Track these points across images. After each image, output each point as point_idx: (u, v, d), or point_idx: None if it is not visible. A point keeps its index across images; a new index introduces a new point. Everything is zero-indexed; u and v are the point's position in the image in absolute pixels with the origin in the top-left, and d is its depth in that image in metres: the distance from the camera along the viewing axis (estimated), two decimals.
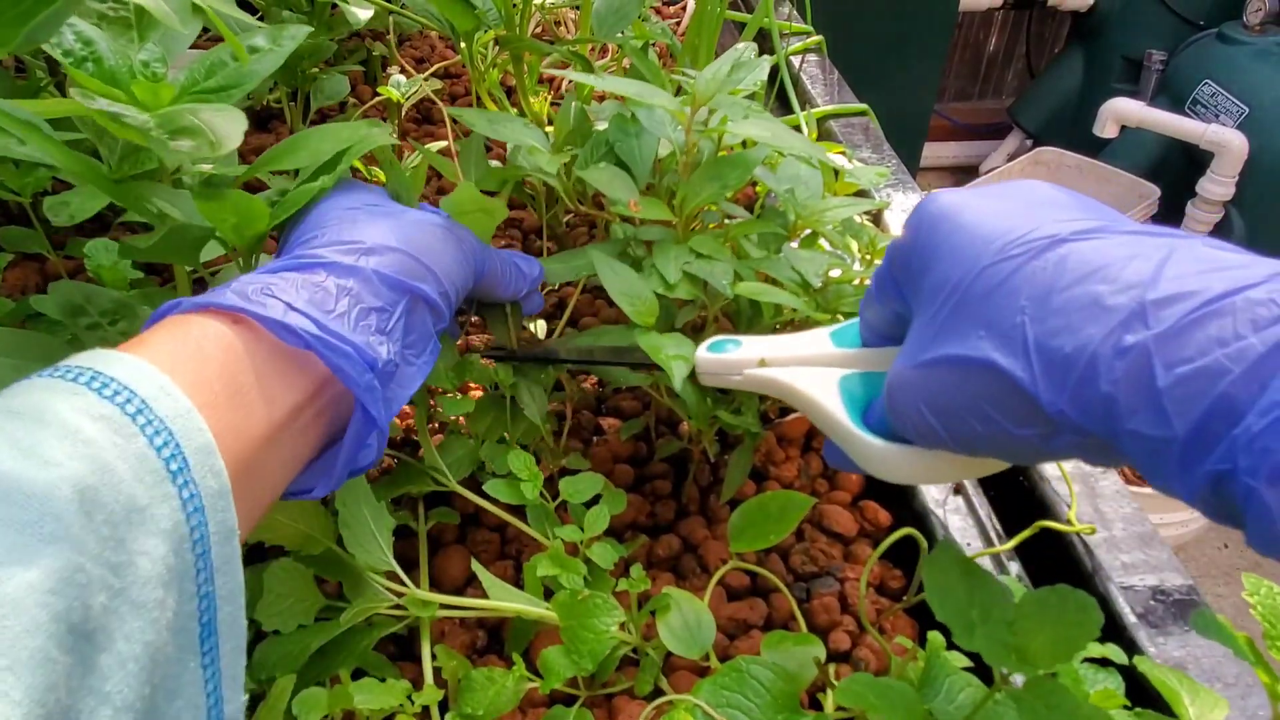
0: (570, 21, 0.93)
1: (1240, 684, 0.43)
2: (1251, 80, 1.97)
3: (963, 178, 2.74)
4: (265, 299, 0.33)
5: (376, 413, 0.35)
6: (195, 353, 0.31)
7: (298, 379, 0.34)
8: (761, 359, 0.39)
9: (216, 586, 0.28)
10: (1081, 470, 0.53)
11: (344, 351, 0.34)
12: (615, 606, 0.40)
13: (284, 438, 0.33)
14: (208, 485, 0.28)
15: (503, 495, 0.46)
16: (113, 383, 0.27)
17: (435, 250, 0.41)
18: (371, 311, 0.36)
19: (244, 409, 0.31)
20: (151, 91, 0.37)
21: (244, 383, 0.32)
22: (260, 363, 0.33)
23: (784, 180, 0.54)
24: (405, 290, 0.38)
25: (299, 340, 0.33)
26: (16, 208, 0.66)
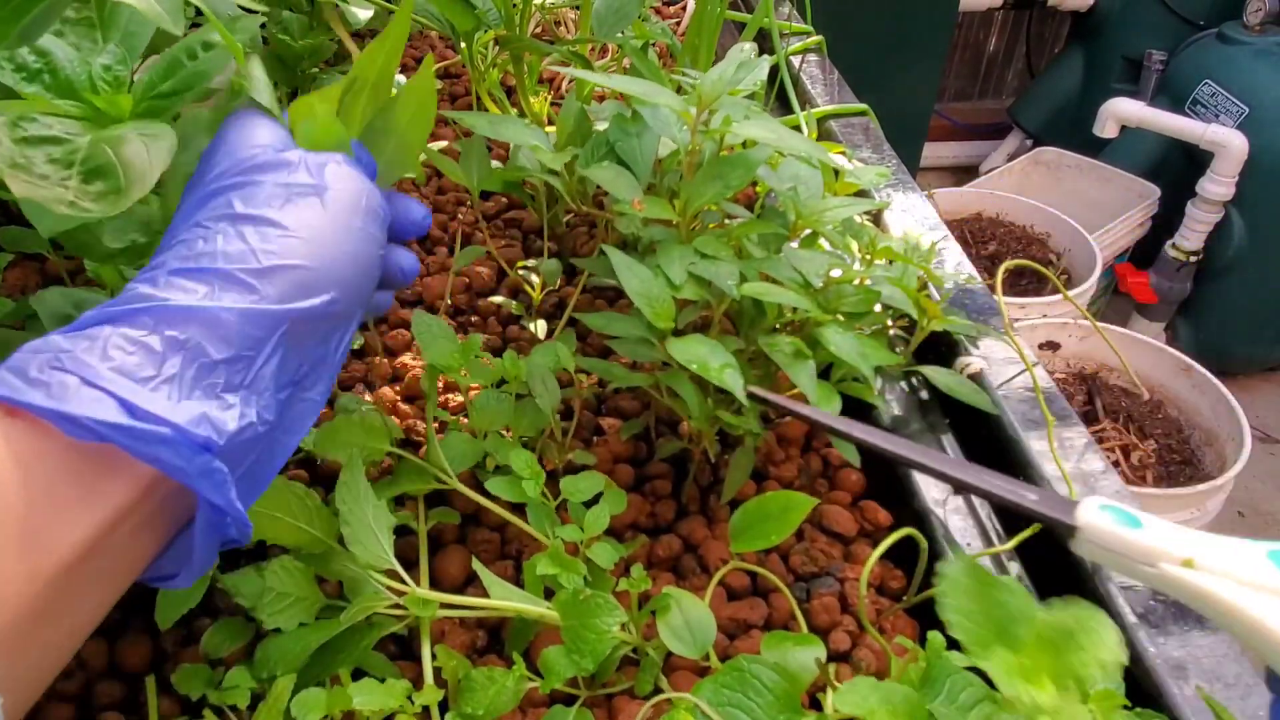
0: (570, 21, 0.93)
1: (1240, 684, 0.43)
2: (1251, 80, 1.97)
3: (963, 177, 2.75)
4: (53, 378, 0.26)
5: (223, 500, 0.28)
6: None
7: (109, 480, 0.27)
8: (1188, 559, 0.32)
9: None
10: (1081, 470, 0.53)
11: (158, 437, 0.26)
12: (617, 606, 0.40)
13: (93, 560, 0.26)
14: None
15: (504, 493, 0.46)
16: None
17: (332, 245, 0.31)
18: (219, 365, 0.28)
19: (19, 543, 0.24)
20: (110, 102, 0.35)
21: (17, 506, 0.25)
22: (45, 473, 0.25)
23: (785, 180, 0.54)
24: (278, 320, 0.29)
25: (89, 434, 0.25)
26: (16, 208, 0.66)
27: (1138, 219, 2.08)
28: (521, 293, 0.67)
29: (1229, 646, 0.45)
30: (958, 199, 2.14)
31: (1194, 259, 2.07)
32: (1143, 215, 2.09)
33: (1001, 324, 0.61)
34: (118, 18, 0.40)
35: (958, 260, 0.68)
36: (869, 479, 0.57)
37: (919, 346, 0.59)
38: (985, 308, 0.64)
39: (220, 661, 0.43)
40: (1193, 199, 2.02)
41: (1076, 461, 0.53)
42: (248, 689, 0.40)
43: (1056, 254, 1.99)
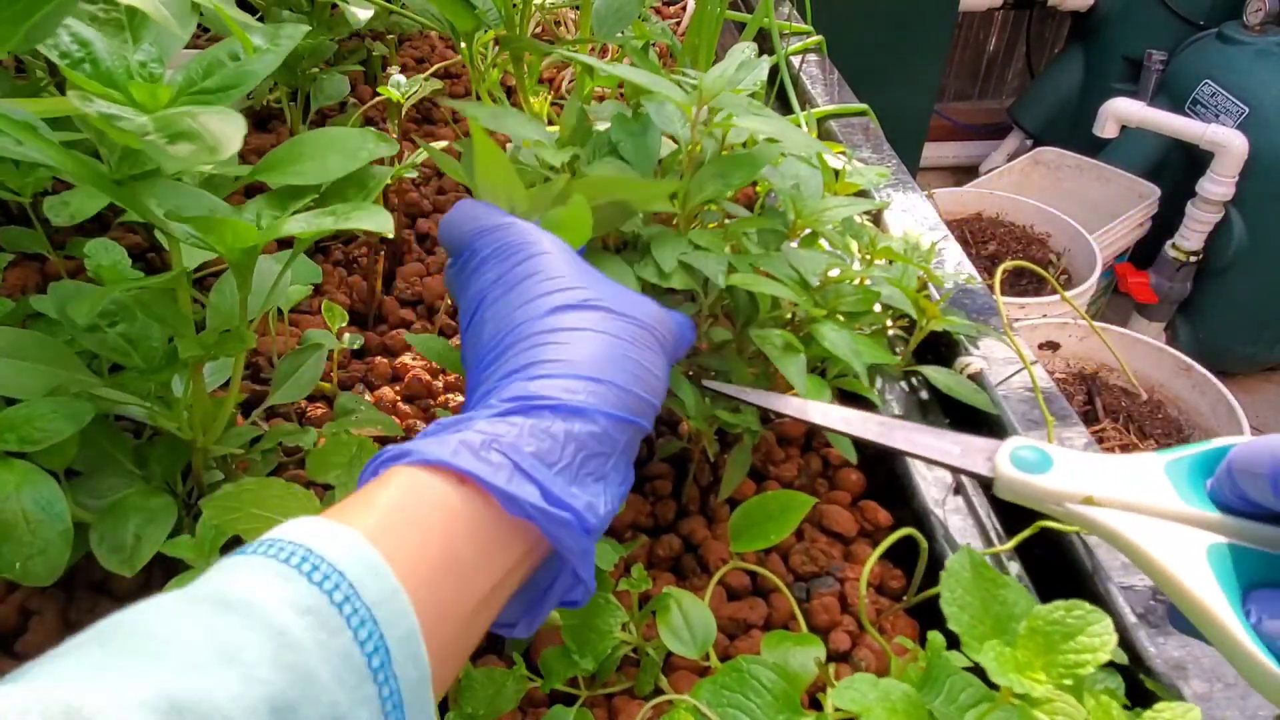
0: (570, 21, 0.93)
1: (1241, 684, 0.43)
2: (1251, 80, 1.97)
3: (963, 177, 2.75)
4: (493, 456, 0.31)
5: (585, 573, 0.34)
6: (417, 521, 0.29)
7: (515, 542, 0.32)
8: (1088, 496, 0.33)
9: None
10: None
11: (564, 520, 0.32)
12: (618, 607, 0.40)
13: (493, 601, 0.32)
14: (407, 676, 0.27)
15: None
16: (323, 565, 0.26)
17: (650, 375, 0.37)
18: (594, 458, 0.34)
19: (459, 583, 0.30)
20: (149, 92, 0.36)
21: (463, 555, 0.30)
22: (480, 531, 0.31)
23: (785, 179, 0.54)
24: (627, 426, 0.35)
25: (519, 511, 0.31)
26: (16, 208, 0.66)
27: (1138, 219, 2.08)
28: None
29: None
30: (958, 199, 2.14)
31: (1194, 259, 2.07)
32: (1143, 215, 2.09)
33: (1001, 324, 0.61)
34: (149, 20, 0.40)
35: (958, 260, 0.68)
36: (869, 479, 0.57)
37: (919, 346, 0.59)
38: (985, 308, 0.64)
39: None
40: (1193, 199, 2.02)
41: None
42: None
43: (1056, 254, 1.99)
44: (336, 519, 0.28)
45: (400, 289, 0.70)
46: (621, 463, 0.35)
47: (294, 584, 0.26)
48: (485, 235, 0.39)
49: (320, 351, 0.54)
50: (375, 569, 0.27)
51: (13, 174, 0.55)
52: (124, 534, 0.43)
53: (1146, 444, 1.56)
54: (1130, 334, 1.67)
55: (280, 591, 0.25)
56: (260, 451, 0.51)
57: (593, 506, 0.33)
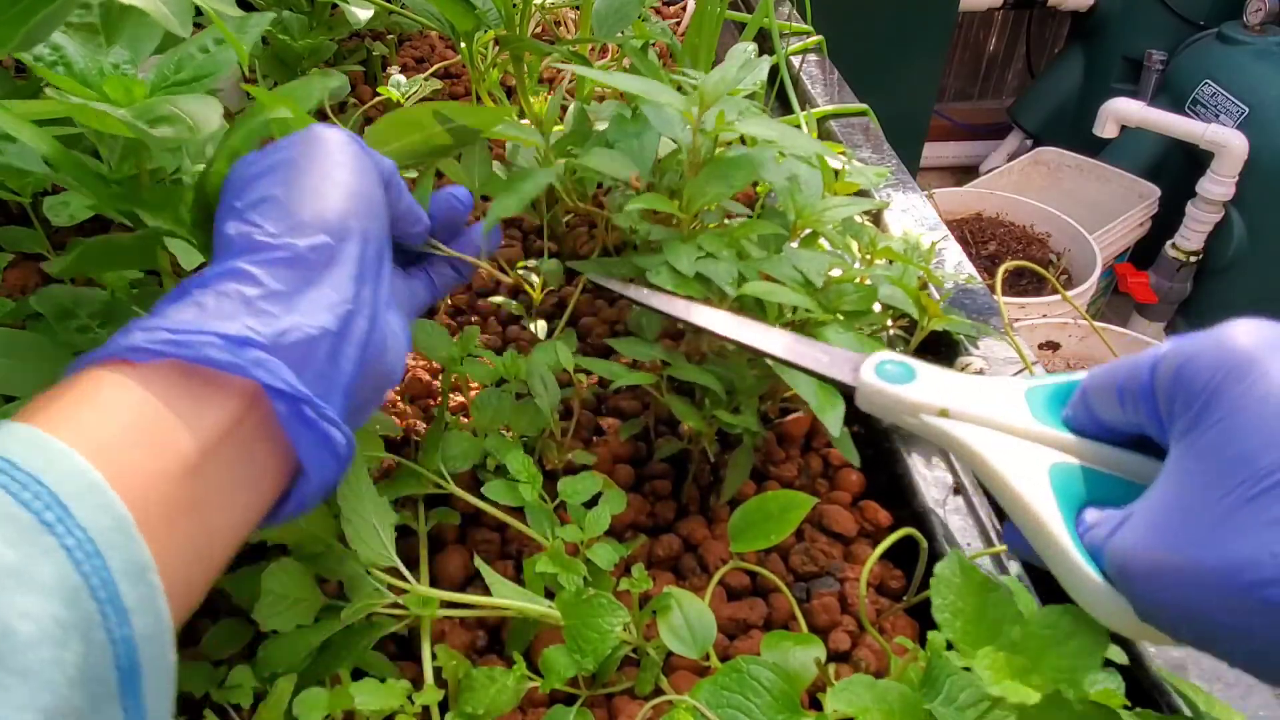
0: (570, 21, 0.93)
1: (1241, 684, 0.43)
2: (1251, 80, 1.97)
3: (963, 177, 2.75)
4: (127, 337, 0.32)
5: (282, 383, 0.32)
6: (82, 402, 0.30)
7: (214, 400, 0.32)
8: (944, 409, 0.33)
9: (135, 628, 0.26)
10: None
11: (203, 343, 0.31)
12: (619, 606, 0.40)
13: (214, 463, 0.31)
14: (99, 524, 0.26)
15: (501, 497, 0.46)
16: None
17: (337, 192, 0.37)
18: (255, 300, 0.33)
19: (148, 444, 0.30)
20: (124, 88, 0.37)
21: (143, 419, 0.30)
22: (162, 394, 0.31)
23: (785, 179, 0.54)
24: (303, 263, 0.35)
25: (148, 354, 0.31)
26: (16, 208, 0.66)
27: (1138, 219, 2.08)
28: (521, 293, 0.67)
29: None
30: (958, 199, 2.14)
31: (1194, 259, 2.07)
32: (1143, 215, 2.09)
33: (1001, 324, 0.61)
34: (123, 24, 0.41)
35: (958, 260, 0.68)
36: (869, 479, 0.57)
37: (919, 346, 0.59)
38: (985, 307, 0.64)
39: (221, 661, 0.43)
40: (1193, 199, 2.02)
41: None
42: (250, 688, 0.40)
43: (1056, 254, 1.99)
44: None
45: None
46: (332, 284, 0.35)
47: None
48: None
49: None
50: (33, 442, 0.27)
51: (13, 174, 0.55)
52: None
53: None
54: (1130, 334, 1.67)
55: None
56: None
57: (251, 326, 0.33)
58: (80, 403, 0.30)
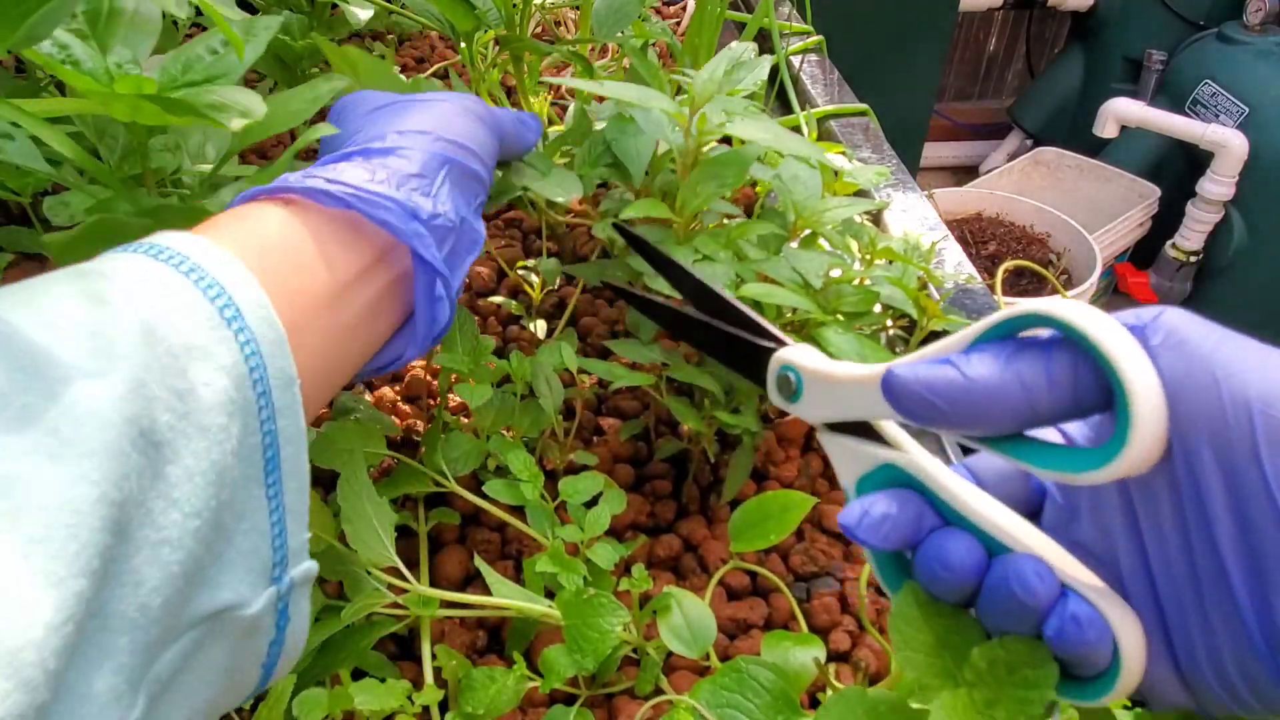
0: (570, 21, 0.93)
1: None
2: (1251, 80, 1.97)
3: (963, 177, 2.75)
4: (308, 180, 0.36)
5: (430, 256, 0.37)
6: (251, 227, 0.34)
7: (356, 245, 0.37)
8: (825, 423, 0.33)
9: (279, 427, 0.30)
10: None
11: (384, 205, 0.36)
12: (620, 606, 0.40)
13: (349, 301, 0.36)
14: (264, 334, 0.30)
15: (502, 496, 0.46)
16: (167, 250, 0.30)
17: (459, 124, 0.43)
18: (411, 177, 0.38)
19: (301, 274, 0.34)
20: (136, 86, 0.37)
21: (299, 250, 0.34)
22: (315, 231, 0.35)
23: (784, 180, 0.54)
24: (443, 160, 0.40)
25: (338, 202, 0.35)
26: (16, 208, 0.66)
27: (1138, 219, 2.08)
28: (521, 293, 0.68)
29: None
30: (958, 199, 2.14)
31: (1194, 259, 2.07)
32: (1143, 215, 2.09)
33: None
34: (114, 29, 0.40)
35: (958, 260, 0.68)
36: None
37: (919, 346, 0.59)
38: (985, 307, 0.64)
39: None
40: (1193, 199, 2.02)
41: None
42: None
43: (1056, 254, 1.99)
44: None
45: None
46: (450, 189, 0.40)
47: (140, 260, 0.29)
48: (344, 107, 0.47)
49: None
50: (216, 255, 0.31)
51: (13, 174, 0.55)
52: None
53: None
54: None
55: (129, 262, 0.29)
56: None
57: (414, 202, 0.38)
58: (252, 225, 0.34)
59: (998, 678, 0.27)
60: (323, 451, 0.46)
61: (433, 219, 0.38)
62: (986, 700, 0.27)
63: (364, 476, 0.43)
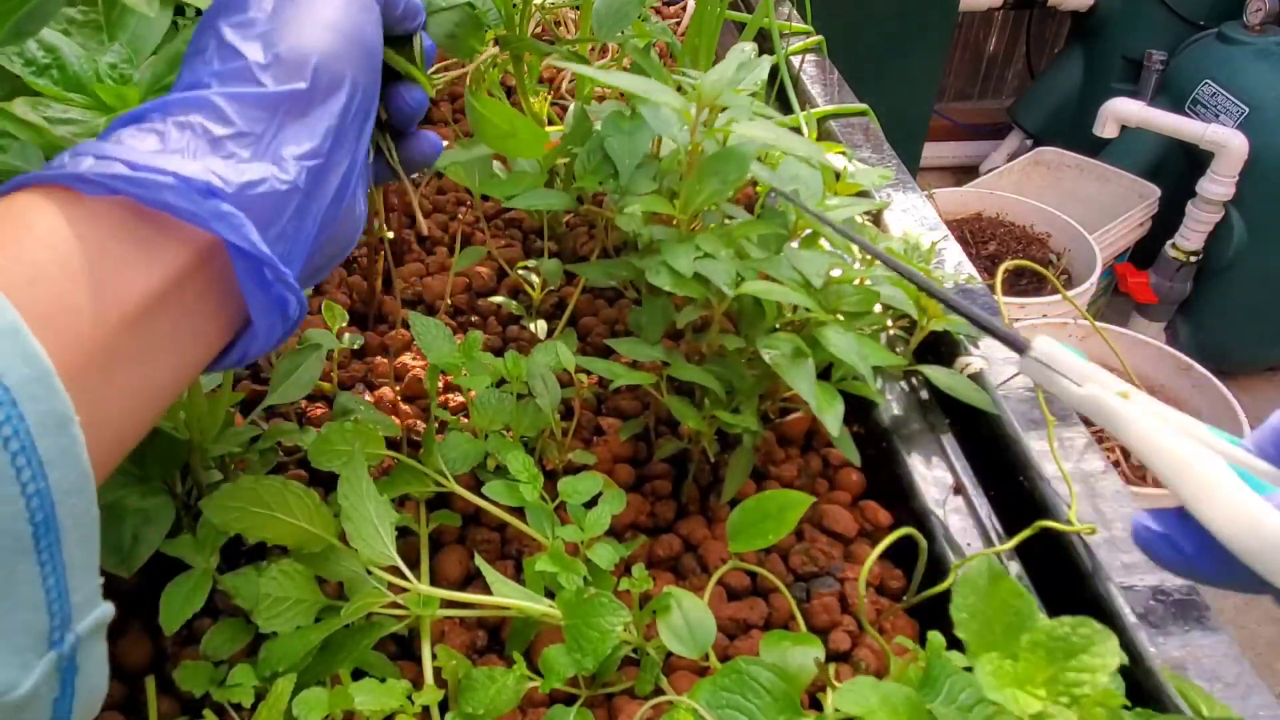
0: (570, 21, 0.93)
1: (1241, 684, 0.43)
2: (1251, 80, 1.97)
3: (963, 177, 2.74)
4: (76, 161, 0.29)
5: (244, 241, 0.30)
6: (15, 225, 0.28)
7: (166, 245, 0.30)
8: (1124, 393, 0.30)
9: (51, 481, 0.25)
10: (1081, 470, 0.53)
11: (161, 184, 0.29)
12: (620, 606, 0.40)
13: (160, 311, 0.30)
14: (16, 372, 0.24)
15: (501, 497, 0.46)
16: None
17: (324, 26, 0.34)
18: (224, 140, 0.31)
19: (86, 283, 0.28)
20: (117, 94, 0.36)
21: (81, 254, 0.28)
22: (108, 231, 0.29)
23: (785, 180, 0.54)
24: (278, 101, 0.32)
25: (99, 188, 0.28)
26: None
27: (1138, 219, 2.08)
28: (521, 293, 0.67)
29: (1229, 647, 0.45)
30: (958, 199, 2.14)
31: (1194, 259, 2.07)
32: (1143, 215, 2.09)
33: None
34: (126, 21, 0.40)
35: (958, 260, 0.68)
36: (869, 479, 0.57)
37: (919, 346, 0.59)
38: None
39: (221, 661, 0.43)
40: (1193, 199, 2.02)
41: (1076, 461, 0.53)
42: (251, 687, 0.40)
43: (1056, 254, 1.99)
44: None
45: (400, 289, 0.70)
46: (305, 133, 0.32)
47: None
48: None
49: (319, 351, 0.54)
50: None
51: (10, 173, 0.55)
52: (121, 534, 0.43)
53: None
54: (1130, 334, 1.67)
55: None
56: (259, 451, 0.51)
57: (217, 172, 0.30)
58: (15, 229, 0.27)
59: (1053, 656, 0.28)
60: (322, 453, 0.46)
61: (248, 189, 0.30)
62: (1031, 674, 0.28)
63: (364, 475, 0.43)
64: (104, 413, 0.28)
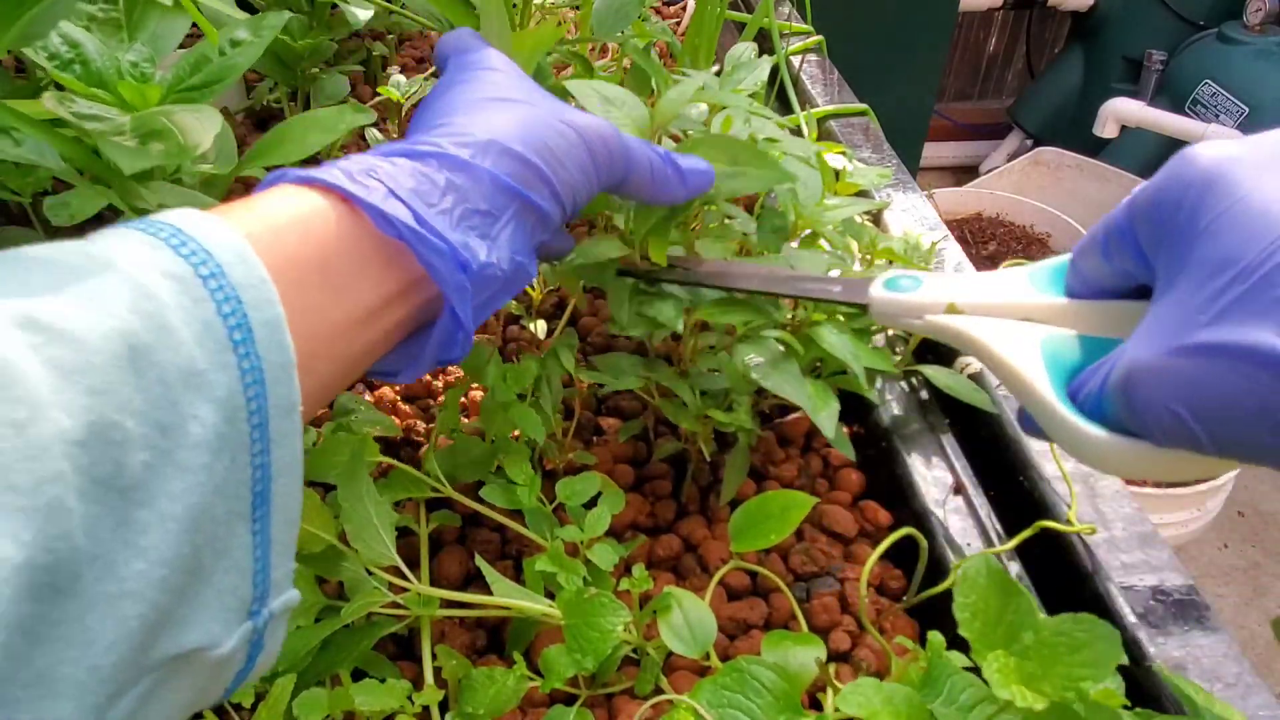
0: (570, 21, 0.93)
1: (1240, 684, 0.43)
2: (1251, 80, 1.97)
3: (963, 177, 2.74)
4: (369, 182, 0.33)
5: (463, 314, 0.35)
6: (291, 225, 0.31)
7: (392, 269, 0.34)
8: (950, 304, 0.35)
9: (272, 459, 0.28)
10: (1081, 470, 0.53)
11: (438, 248, 0.33)
12: (621, 606, 0.40)
13: (369, 325, 0.33)
14: (271, 359, 0.27)
15: (499, 501, 0.46)
16: (191, 242, 0.27)
17: (558, 156, 0.38)
18: (476, 214, 0.35)
19: (331, 290, 0.31)
20: (139, 92, 0.37)
21: (337, 265, 0.32)
22: (356, 246, 0.32)
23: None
24: (515, 196, 0.36)
25: (394, 231, 0.32)
26: (16, 208, 0.66)
27: None
28: (522, 293, 0.67)
29: (1229, 647, 0.45)
30: (958, 199, 2.14)
31: None
32: None
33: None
34: (147, 20, 0.40)
35: (958, 260, 0.68)
36: (869, 479, 0.57)
37: (919, 346, 0.59)
38: None
39: None
40: None
41: (1076, 461, 0.53)
42: (251, 686, 0.40)
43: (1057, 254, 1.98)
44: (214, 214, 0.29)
45: None
46: (514, 232, 0.37)
47: (160, 252, 0.26)
48: (455, 54, 0.43)
49: None
50: (244, 257, 0.28)
51: (13, 174, 0.55)
52: None
53: None
54: None
55: (146, 256, 0.26)
56: None
57: (470, 248, 0.34)
58: (297, 229, 0.31)
59: (1057, 651, 0.29)
60: (320, 465, 0.45)
61: (483, 269, 0.35)
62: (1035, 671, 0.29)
63: (364, 475, 0.43)
64: (309, 403, 0.30)
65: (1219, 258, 0.26)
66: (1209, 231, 0.26)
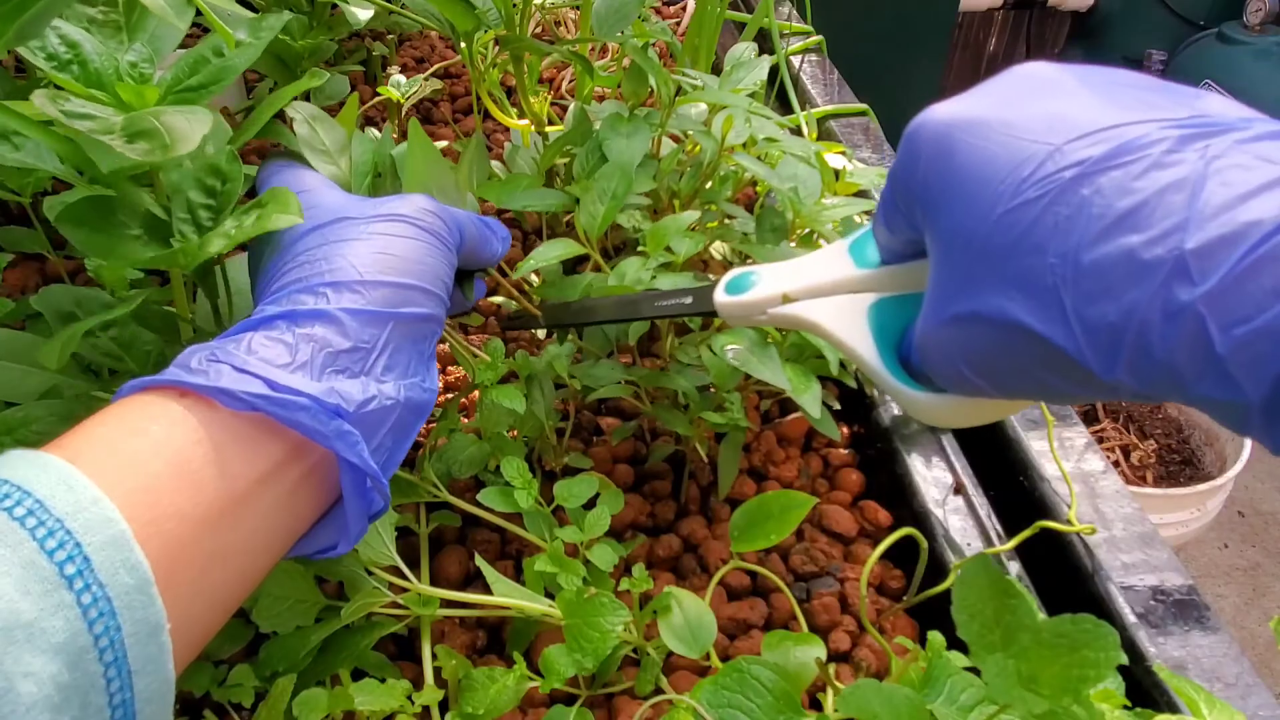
0: (570, 21, 0.93)
1: (1240, 684, 0.43)
2: (1251, 80, 1.97)
3: None
4: (210, 367, 0.32)
5: (358, 459, 0.33)
6: (131, 434, 0.29)
7: (265, 446, 0.32)
8: (784, 294, 0.36)
9: (136, 691, 0.26)
10: (1081, 470, 0.53)
11: (300, 405, 0.31)
12: (621, 606, 0.40)
13: (254, 508, 0.31)
14: (119, 582, 0.25)
15: (497, 504, 0.46)
16: (4, 484, 0.26)
17: (413, 261, 0.38)
18: (340, 355, 0.34)
19: (191, 486, 0.29)
20: (137, 93, 0.37)
21: (191, 457, 0.30)
22: (209, 434, 0.30)
23: (784, 179, 0.54)
24: (384, 320, 0.36)
25: (241, 404, 0.31)
26: (16, 208, 0.66)
27: None
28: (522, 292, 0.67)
29: (1229, 647, 0.45)
30: None
31: None
32: None
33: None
34: (145, 21, 0.40)
35: None
36: (869, 479, 0.57)
37: None
38: None
39: (221, 660, 0.43)
40: None
41: (1076, 461, 0.53)
42: (251, 687, 0.40)
43: None
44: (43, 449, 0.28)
45: None
46: (394, 353, 0.36)
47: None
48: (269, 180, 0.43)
49: None
50: (68, 483, 0.26)
51: (13, 174, 0.55)
52: None
53: (1146, 443, 1.56)
54: None
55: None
56: None
57: (339, 391, 0.33)
58: (133, 434, 0.29)
59: (1056, 651, 0.29)
60: None
61: (364, 406, 0.34)
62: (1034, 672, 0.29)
63: None
64: (194, 610, 0.29)
65: (953, 227, 0.26)
66: (940, 204, 0.27)
